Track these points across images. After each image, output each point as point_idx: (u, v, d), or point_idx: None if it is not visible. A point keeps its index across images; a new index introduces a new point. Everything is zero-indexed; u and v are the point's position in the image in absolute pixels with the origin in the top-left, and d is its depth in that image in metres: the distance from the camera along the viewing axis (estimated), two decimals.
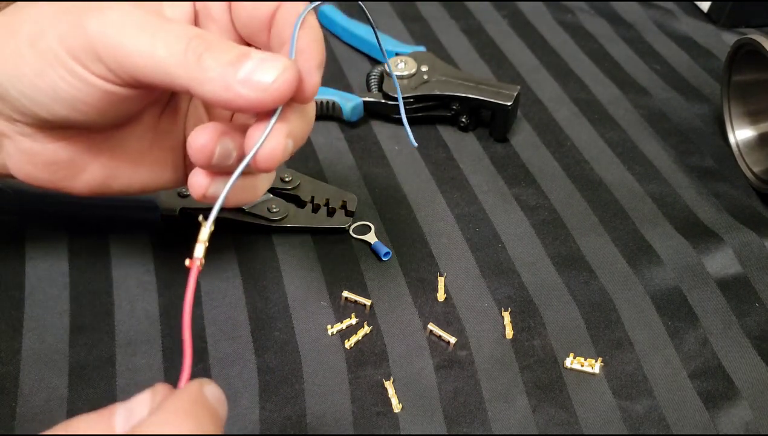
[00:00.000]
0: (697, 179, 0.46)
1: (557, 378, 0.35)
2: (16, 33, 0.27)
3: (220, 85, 0.25)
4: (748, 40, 0.44)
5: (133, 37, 0.25)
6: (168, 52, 0.25)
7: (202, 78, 0.25)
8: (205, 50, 0.25)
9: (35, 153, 0.30)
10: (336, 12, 0.57)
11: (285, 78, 0.25)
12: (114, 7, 0.26)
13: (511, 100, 0.46)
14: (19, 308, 0.37)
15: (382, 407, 0.34)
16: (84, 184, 0.31)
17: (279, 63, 0.25)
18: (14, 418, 0.33)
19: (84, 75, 0.26)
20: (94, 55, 0.26)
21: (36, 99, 0.27)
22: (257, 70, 0.25)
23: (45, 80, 0.27)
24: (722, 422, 0.34)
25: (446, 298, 0.39)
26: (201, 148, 0.27)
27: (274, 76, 0.25)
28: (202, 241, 0.26)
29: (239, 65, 0.25)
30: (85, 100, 0.27)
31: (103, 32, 0.25)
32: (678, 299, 0.39)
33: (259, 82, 0.25)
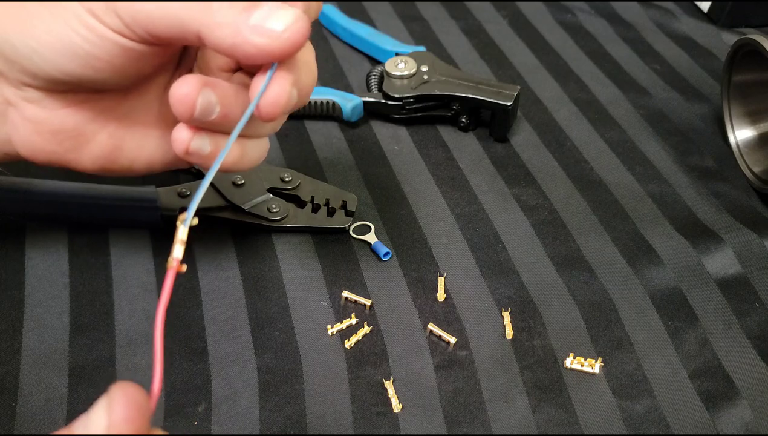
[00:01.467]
0: (697, 179, 0.46)
1: (557, 378, 0.35)
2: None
3: (230, 30, 0.25)
4: (748, 40, 0.44)
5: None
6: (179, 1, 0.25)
7: (213, 23, 0.25)
8: None
9: (42, 121, 0.30)
10: (336, 12, 0.57)
11: (296, 27, 0.25)
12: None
13: (511, 100, 0.46)
14: (19, 308, 0.37)
15: (382, 407, 0.34)
16: (90, 157, 0.31)
17: (291, 12, 0.25)
18: (14, 418, 0.33)
19: (99, 29, 0.26)
20: (109, 7, 0.26)
21: (49, 57, 0.27)
22: (269, 17, 0.25)
23: (59, 36, 0.27)
24: (722, 422, 0.34)
25: (446, 298, 0.39)
26: (182, 98, 0.27)
27: (286, 24, 0.25)
28: (180, 241, 0.25)
29: (251, 12, 0.25)
30: (100, 56, 0.27)
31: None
32: (678, 299, 0.39)
33: (271, 30, 0.25)
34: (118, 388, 0.22)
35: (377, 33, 0.55)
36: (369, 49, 0.54)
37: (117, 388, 0.22)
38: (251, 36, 0.25)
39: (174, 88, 0.27)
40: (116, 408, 0.22)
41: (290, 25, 0.25)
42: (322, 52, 0.55)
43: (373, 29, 0.55)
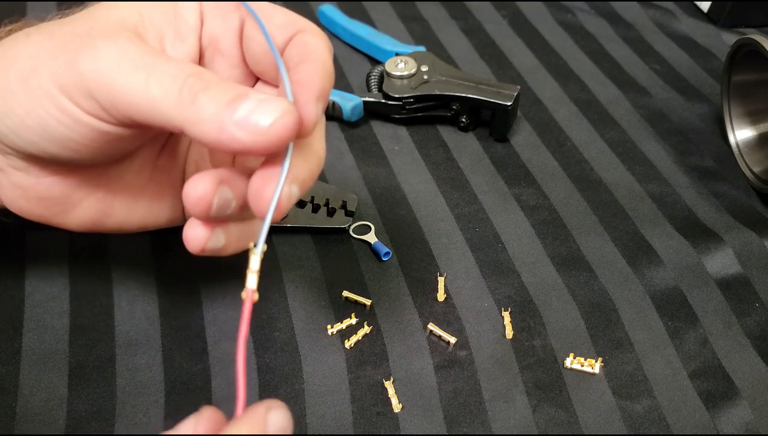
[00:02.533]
0: (697, 179, 0.46)
1: (557, 378, 0.35)
2: (8, 67, 0.26)
3: (214, 126, 0.24)
4: (748, 40, 0.44)
5: (126, 75, 0.24)
6: (162, 91, 0.24)
7: (197, 119, 0.24)
8: (202, 90, 0.24)
9: (28, 187, 0.29)
10: (336, 12, 0.57)
11: (283, 122, 0.24)
12: (110, 44, 0.25)
13: (511, 100, 0.46)
14: (19, 308, 0.37)
15: (382, 407, 0.34)
16: (77, 220, 0.31)
17: (278, 105, 0.24)
18: (14, 418, 0.33)
19: (75, 113, 0.25)
20: (87, 92, 0.25)
21: (25, 137, 0.26)
22: (254, 112, 0.24)
23: (35, 118, 0.26)
24: (722, 422, 0.34)
25: (446, 298, 0.39)
26: (198, 200, 0.26)
27: (272, 119, 0.24)
28: (253, 271, 0.24)
29: (236, 106, 0.24)
30: (76, 139, 0.26)
31: (97, 69, 0.25)
32: (678, 299, 0.39)
33: (255, 125, 0.23)
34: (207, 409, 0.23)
35: (377, 33, 0.55)
36: (369, 49, 0.54)
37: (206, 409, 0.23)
38: (235, 131, 0.24)
39: (188, 187, 0.26)
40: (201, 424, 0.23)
41: (277, 118, 0.24)
42: None
43: (373, 29, 0.55)
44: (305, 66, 0.26)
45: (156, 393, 0.34)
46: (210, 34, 0.29)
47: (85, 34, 0.26)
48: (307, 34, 0.28)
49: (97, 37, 0.25)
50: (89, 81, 0.25)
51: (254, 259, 0.24)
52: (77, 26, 0.26)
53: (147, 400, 0.34)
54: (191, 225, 0.27)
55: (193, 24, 0.29)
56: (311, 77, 0.26)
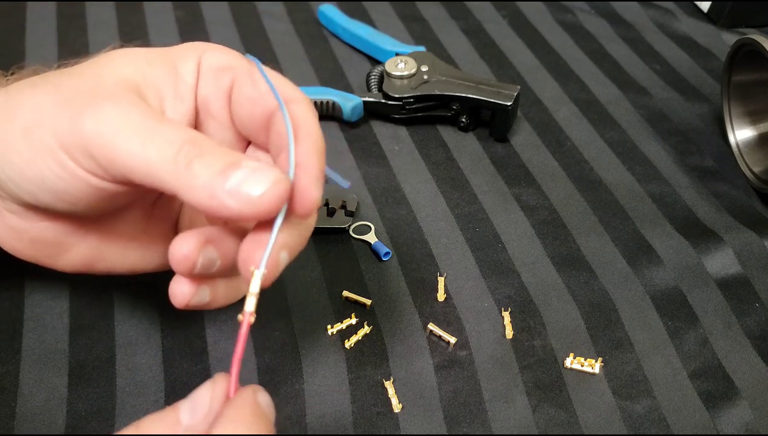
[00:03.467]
0: (697, 179, 0.46)
1: (557, 378, 0.35)
2: (12, 118, 0.27)
3: (206, 193, 0.24)
4: (748, 40, 0.44)
5: (126, 139, 0.25)
6: (159, 156, 0.25)
7: (190, 185, 0.24)
8: (196, 157, 0.25)
9: (21, 230, 0.29)
10: (336, 12, 0.57)
11: (274, 193, 0.24)
12: (113, 106, 0.26)
13: (511, 100, 0.46)
14: (19, 308, 0.37)
15: (382, 407, 0.34)
16: (68, 263, 0.31)
17: (269, 176, 0.24)
18: (14, 418, 0.33)
19: (74, 169, 0.26)
20: (86, 151, 0.25)
21: (23, 186, 0.27)
22: (246, 181, 0.24)
23: (34, 170, 0.26)
24: (722, 422, 0.34)
25: (446, 298, 0.39)
26: (183, 259, 0.26)
27: (263, 189, 0.24)
28: (253, 293, 0.25)
29: (227, 175, 0.24)
30: (73, 193, 0.27)
31: (98, 131, 0.25)
32: (678, 299, 0.39)
33: (246, 195, 0.24)
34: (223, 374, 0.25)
35: (377, 33, 0.55)
36: (369, 49, 0.54)
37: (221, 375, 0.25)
38: (226, 199, 0.24)
39: (173, 247, 0.26)
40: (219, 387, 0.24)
41: (268, 189, 0.24)
42: (322, 52, 0.55)
43: (373, 29, 0.55)
44: (301, 144, 0.26)
45: (156, 393, 0.34)
46: (203, 95, 0.30)
47: (90, 92, 0.26)
48: (296, 104, 0.28)
49: (100, 98, 0.26)
50: (89, 141, 0.25)
51: (254, 282, 0.25)
52: (82, 82, 0.27)
53: (147, 400, 0.34)
54: (176, 281, 0.27)
55: (192, 84, 0.29)
56: (309, 158, 0.26)
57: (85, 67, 0.28)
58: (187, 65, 0.29)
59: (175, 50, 0.30)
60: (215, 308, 0.29)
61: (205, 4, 0.59)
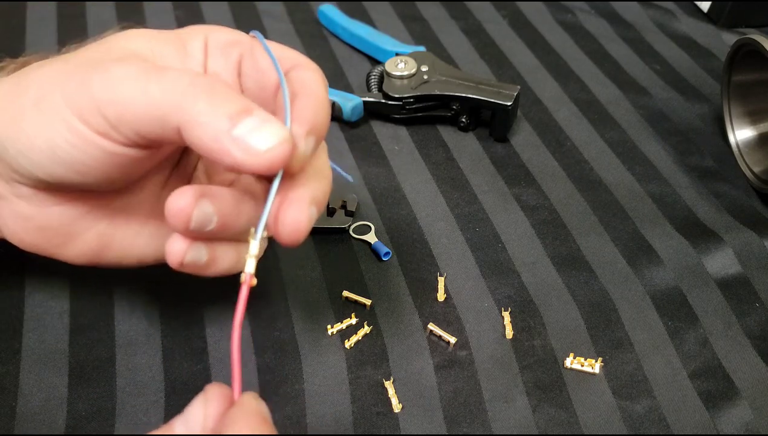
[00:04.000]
0: (697, 179, 0.46)
1: (557, 378, 0.35)
2: (22, 95, 0.27)
3: (210, 134, 0.24)
4: (748, 40, 0.44)
5: (131, 85, 0.25)
6: (161, 92, 0.24)
7: (195, 122, 0.24)
8: (205, 93, 0.24)
9: (30, 216, 0.29)
10: (336, 12, 0.57)
11: (279, 151, 0.24)
12: (121, 66, 0.26)
13: (511, 100, 0.46)
14: (19, 308, 0.37)
15: (382, 407, 0.34)
16: (77, 252, 0.31)
17: (278, 131, 0.24)
18: (14, 418, 0.33)
19: (85, 133, 0.26)
20: (97, 111, 0.25)
21: (34, 159, 0.27)
22: (254, 132, 0.24)
23: (44, 140, 0.26)
24: (722, 422, 0.34)
25: (446, 298, 0.39)
26: (177, 212, 0.26)
27: (269, 144, 0.24)
28: (252, 255, 0.25)
29: (236, 121, 0.24)
30: (85, 162, 0.26)
31: (105, 87, 0.25)
32: (678, 299, 0.39)
33: (252, 147, 0.23)
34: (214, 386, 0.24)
35: (377, 33, 0.55)
36: (369, 49, 0.54)
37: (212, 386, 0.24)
38: (230, 146, 0.24)
39: (169, 201, 0.26)
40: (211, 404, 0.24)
41: (273, 146, 0.24)
42: (322, 52, 0.55)
43: (373, 29, 0.55)
44: (299, 100, 0.27)
45: (156, 393, 0.34)
46: (211, 70, 0.30)
47: (98, 60, 0.27)
48: (304, 69, 0.28)
49: (107, 61, 0.26)
50: (99, 99, 0.25)
51: (253, 244, 0.25)
52: (91, 54, 0.27)
53: (147, 400, 0.34)
54: (172, 239, 0.27)
55: (200, 59, 0.30)
56: (304, 112, 0.26)
57: (94, 44, 0.29)
58: (194, 44, 0.30)
59: (182, 30, 0.31)
60: (217, 273, 0.29)
61: (205, 4, 0.59)
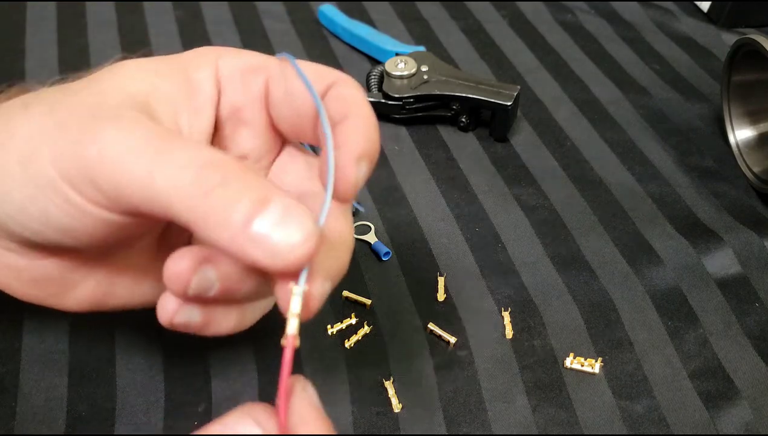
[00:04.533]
0: (697, 179, 0.46)
1: (557, 378, 0.35)
2: (4, 146, 0.24)
3: (226, 233, 0.21)
4: (748, 40, 0.44)
5: (132, 164, 0.21)
6: (169, 182, 0.21)
7: (208, 220, 0.21)
8: (218, 185, 0.21)
9: (21, 268, 0.26)
10: (336, 12, 0.57)
11: (304, 250, 0.21)
12: (115, 128, 0.22)
13: (511, 100, 0.46)
14: (19, 308, 0.37)
15: (382, 407, 0.34)
16: (75, 302, 0.28)
17: (303, 225, 0.21)
18: (14, 418, 0.33)
19: (78, 202, 0.23)
20: (90, 181, 0.22)
21: (25, 224, 0.24)
22: (276, 227, 0.20)
23: (36, 206, 0.23)
24: (722, 422, 0.34)
25: (446, 298, 0.39)
26: (174, 277, 0.23)
27: (294, 241, 0.20)
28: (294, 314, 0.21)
29: (253, 216, 0.20)
30: (80, 229, 0.24)
31: (101, 157, 0.22)
32: (678, 299, 0.39)
33: (273, 247, 0.20)
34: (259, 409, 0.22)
35: (377, 33, 0.55)
36: (369, 49, 0.54)
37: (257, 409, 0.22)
38: (249, 247, 0.20)
39: (167, 264, 0.23)
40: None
41: (298, 244, 0.20)
42: (322, 52, 0.55)
43: (373, 29, 0.55)
44: (345, 123, 0.24)
45: (156, 393, 0.34)
46: (231, 103, 0.27)
47: (89, 113, 0.23)
48: (342, 86, 0.26)
49: (101, 119, 0.23)
50: (92, 169, 0.22)
51: (295, 300, 0.21)
52: (81, 100, 0.24)
53: (147, 400, 0.34)
54: (163, 296, 0.24)
55: (211, 94, 0.26)
56: (353, 136, 0.24)
57: (85, 83, 0.25)
58: (202, 73, 0.26)
59: (187, 58, 0.27)
60: (212, 334, 0.26)
61: (205, 4, 0.59)
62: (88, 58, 0.52)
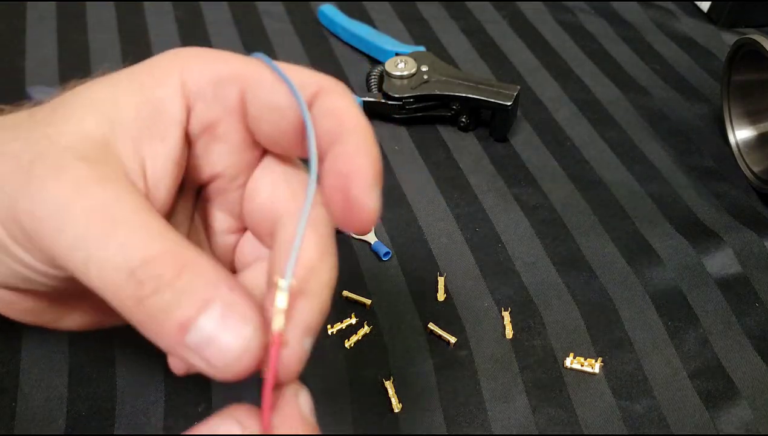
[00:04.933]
0: (697, 179, 0.46)
1: (557, 378, 0.35)
2: None
3: (163, 342, 0.19)
4: (748, 40, 0.44)
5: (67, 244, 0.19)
6: (102, 281, 0.19)
7: (144, 327, 0.19)
8: (153, 292, 0.19)
9: (10, 302, 0.25)
10: (336, 12, 0.57)
11: (243, 363, 0.19)
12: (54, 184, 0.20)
13: (511, 100, 0.46)
14: None
15: (382, 407, 0.34)
16: (73, 325, 0.27)
17: (240, 333, 0.19)
18: (14, 418, 0.33)
19: (31, 262, 0.22)
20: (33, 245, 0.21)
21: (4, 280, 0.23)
22: (212, 337, 0.19)
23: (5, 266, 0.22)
24: (722, 422, 0.34)
25: (446, 298, 0.39)
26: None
27: (231, 353, 0.19)
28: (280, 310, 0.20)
29: (188, 326, 0.19)
30: (40, 279, 0.23)
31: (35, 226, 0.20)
32: (678, 299, 0.39)
33: (210, 358, 0.19)
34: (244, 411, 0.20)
35: (377, 33, 0.55)
36: (369, 49, 0.54)
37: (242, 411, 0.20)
38: (189, 356, 0.19)
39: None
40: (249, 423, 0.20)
41: (235, 357, 0.19)
42: (322, 52, 0.55)
43: (373, 29, 0.55)
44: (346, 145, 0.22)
45: (156, 393, 0.34)
46: (202, 120, 0.24)
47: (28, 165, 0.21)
48: (331, 96, 0.23)
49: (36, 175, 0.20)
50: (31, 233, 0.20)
51: (280, 296, 0.20)
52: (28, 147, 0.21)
53: (147, 400, 0.34)
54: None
55: (176, 115, 0.23)
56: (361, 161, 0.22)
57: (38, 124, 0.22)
58: (165, 91, 0.23)
59: (149, 72, 0.24)
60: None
61: (205, 4, 0.59)
62: (88, 58, 0.52)
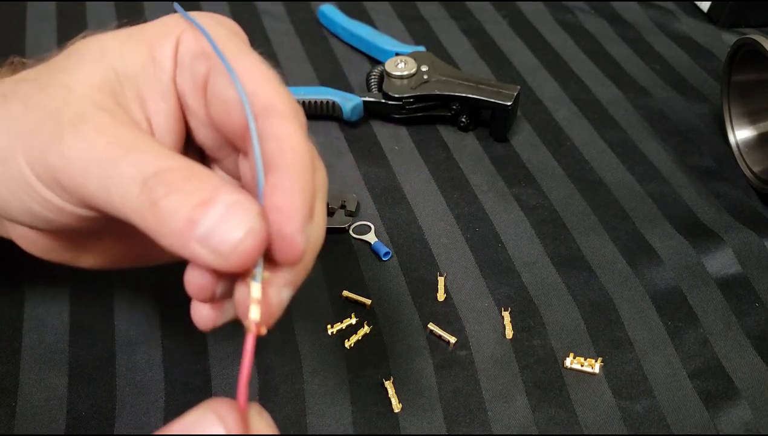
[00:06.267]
0: (697, 179, 0.46)
1: (557, 378, 0.35)
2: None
3: (177, 241, 0.21)
4: (748, 40, 0.44)
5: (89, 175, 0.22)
6: (120, 195, 0.21)
7: (159, 230, 0.21)
8: (163, 195, 0.21)
9: (33, 240, 0.27)
10: (336, 12, 0.57)
11: (247, 244, 0.20)
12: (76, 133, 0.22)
13: (511, 100, 0.46)
14: (19, 308, 0.37)
15: (382, 407, 0.34)
16: (90, 263, 0.29)
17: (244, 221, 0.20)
18: (14, 417, 0.33)
19: (55, 200, 0.24)
20: (59, 184, 0.23)
21: (12, 215, 0.25)
22: (218, 227, 0.20)
23: (18, 200, 0.24)
24: (722, 422, 0.34)
25: (446, 298, 0.39)
26: (199, 291, 0.23)
27: (235, 238, 0.20)
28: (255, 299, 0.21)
29: (196, 219, 0.20)
30: (62, 219, 0.25)
31: (63, 164, 0.22)
32: (678, 299, 0.39)
33: (217, 246, 0.20)
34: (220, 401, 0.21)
35: (377, 33, 0.55)
36: (369, 49, 0.54)
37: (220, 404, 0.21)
38: (198, 250, 0.21)
39: (187, 277, 0.23)
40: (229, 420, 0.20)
41: (240, 240, 0.20)
42: (322, 52, 0.55)
43: (373, 29, 0.55)
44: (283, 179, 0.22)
45: (156, 393, 0.34)
46: (180, 88, 0.26)
47: (56, 114, 0.23)
48: (279, 119, 0.24)
49: (66, 123, 0.23)
50: (58, 174, 0.23)
51: (255, 286, 0.22)
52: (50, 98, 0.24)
53: (147, 400, 0.34)
54: (196, 307, 0.24)
55: (170, 72, 0.26)
56: (295, 200, 0.22)
57: (56, 73, 0.25)
58: (165, 51, 0.25)
59: (154, 30, 0.26)
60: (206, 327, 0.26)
61: (205, 4, 0.59)
62: None
